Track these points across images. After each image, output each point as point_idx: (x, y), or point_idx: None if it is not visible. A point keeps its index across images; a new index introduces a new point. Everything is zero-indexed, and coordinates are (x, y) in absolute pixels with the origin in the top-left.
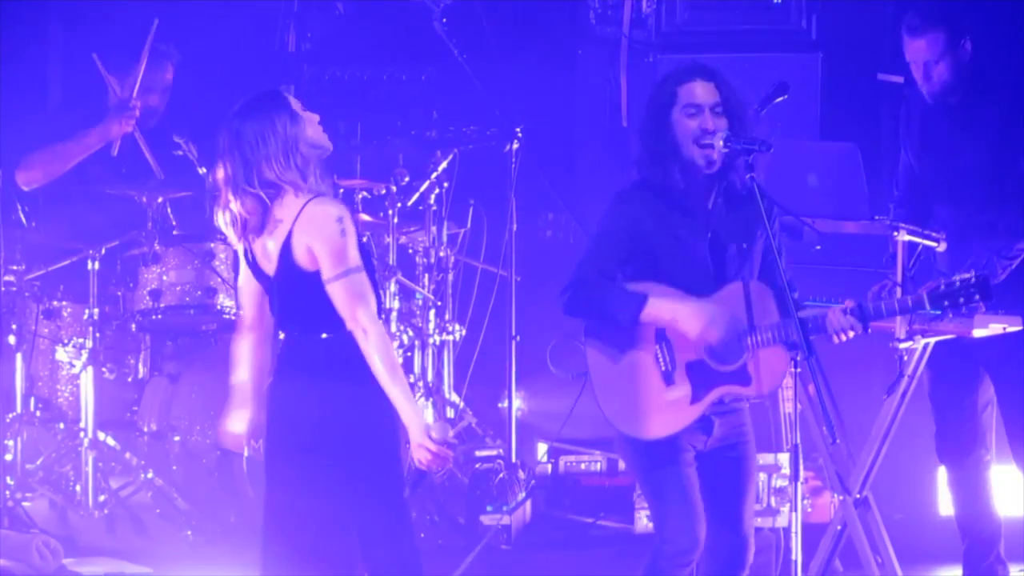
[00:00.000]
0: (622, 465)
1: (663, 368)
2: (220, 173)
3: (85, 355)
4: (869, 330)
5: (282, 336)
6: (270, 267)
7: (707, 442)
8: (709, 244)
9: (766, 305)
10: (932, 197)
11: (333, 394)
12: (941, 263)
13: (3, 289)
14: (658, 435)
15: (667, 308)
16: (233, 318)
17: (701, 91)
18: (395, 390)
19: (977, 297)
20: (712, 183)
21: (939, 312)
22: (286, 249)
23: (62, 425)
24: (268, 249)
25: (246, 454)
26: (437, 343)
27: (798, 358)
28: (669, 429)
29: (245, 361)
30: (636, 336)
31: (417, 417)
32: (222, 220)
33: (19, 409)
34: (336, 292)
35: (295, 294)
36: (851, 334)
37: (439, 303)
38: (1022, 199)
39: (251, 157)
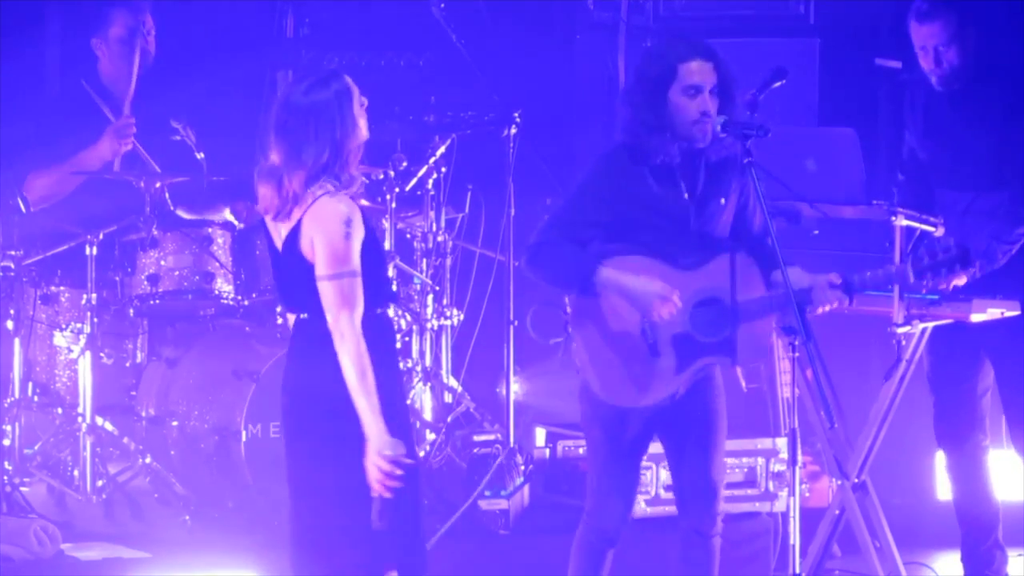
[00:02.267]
0: None
1: (649, 339)
2: (273, 155)
3: (83, 340)
4: (853, 303)
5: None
6: (278, 243)
7: (672, 402)
8: (690, 208)
9: (752, 278)
10: (934, 182)
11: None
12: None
13: (0, 274)
14: (643, 404)
15: (617, 280)
16: (231, 303)
17: (702, 72)
18: (361, 400)
19: (958, 266)
20: (695, 158)
21: (936, 297)
22: (293, 234)
23: (60, 410)
24: (280, 230)
25: (244, 438)
26: (435, 328)
27: (796, 343)
28: (654, 399)
29: None
30: (622, 307)
31: (377, 432)
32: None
33: (17, 394)
34: (325, 291)
35: (293, 276)
36: (835, 305)
37: (437, 288)
38: (1018, 185)
39: (301, 141)
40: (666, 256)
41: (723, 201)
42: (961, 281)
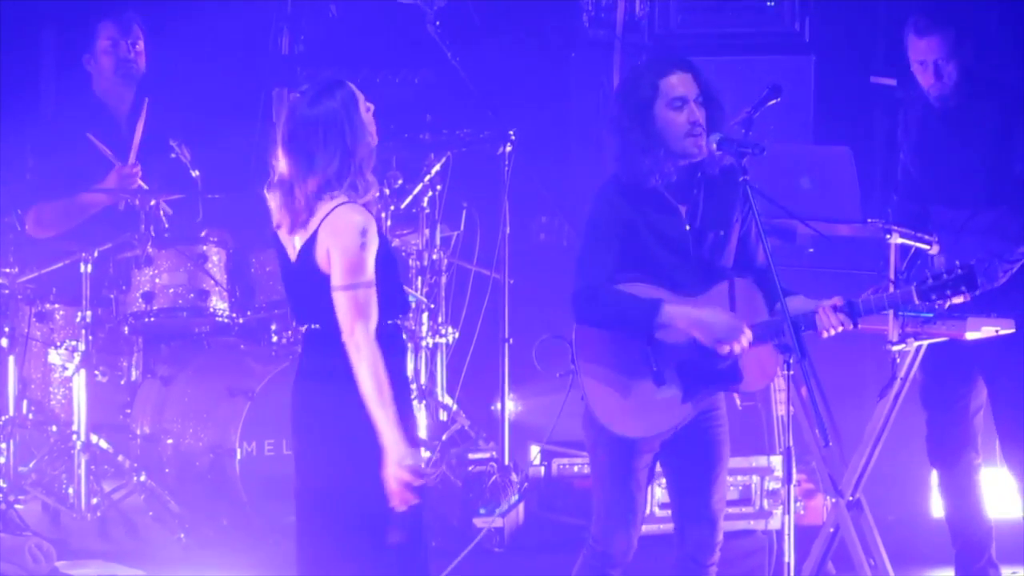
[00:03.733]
0: None
1: (654, 368)
2: (281, 165)
3: (78, 357)
4: (859, 325)
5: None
6: (292, 255)
7: (676, 428)
8: (691, 235)
9: (755, 303)
10: (930, 199)
11: (322, 391)
12: (939, 266)
13: None
14: (650, 434)
15: (681, 315)
16: (226, 321)
17: (683, 83)
18: (379, 411)
19: (963, 288)
20: (693, 173)
21: (931, 315)
22: (309, 244)
23: (55, 428)
24: (295, 242)
25: (239, 456)
26: (430, 345)
27: (791, 360)
28: (661, 428)
29: None
30: (624, 339)
31: (395, 443)
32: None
33: (12, 412)
34: (340, 302)
35: (307, 287)
36: (840, 329)
37: (432, 305)
38: (1020, 202)
39: (312, 151)
40: (669, 283)
41: (722, 233)
42: (961, 299)
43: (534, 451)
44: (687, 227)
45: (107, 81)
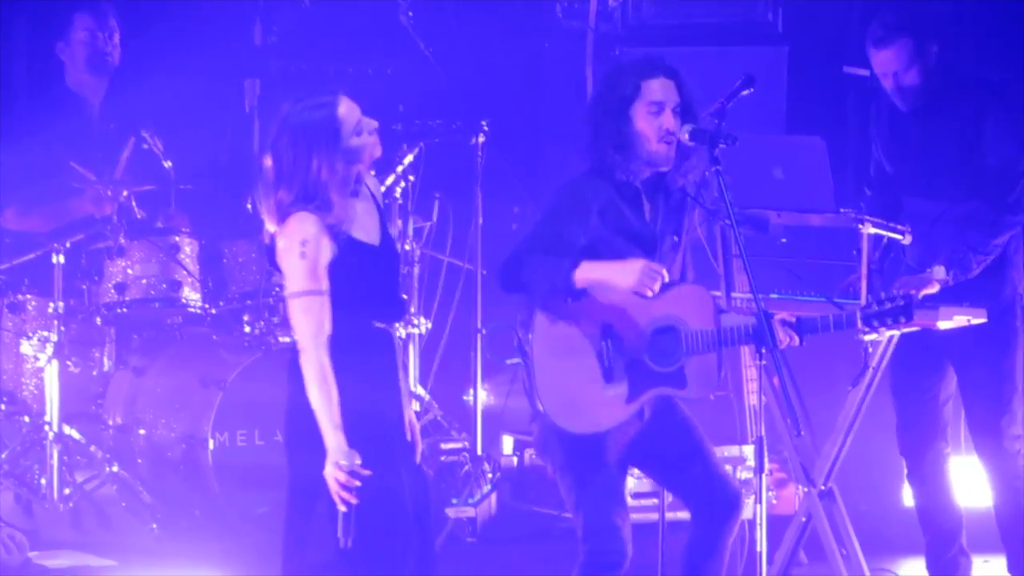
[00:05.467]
0: None
1: (606, 364)
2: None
3: (50, 348)
4: (804, 343)
5: None
6: None
7: (642, 429)
8: (652, 237)
9: (705, 310)
10: (903, 192)
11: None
12: (911, 257)
13: None
14: (591, 430)
15: (599, 268)
16: (199, 311)
17: (665, 90)
18: (320, 414)
19: (902, 319)
20: (658, 180)
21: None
22: (272, 249)
23: (27, 418)
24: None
25: (211, 447)
26: (403, 336)
27: (763, 351)
28: (603, 425)
29: None
30: (582, 330)
31: (334, 444)
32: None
33: None
34: (289, 309)
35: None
36: (786, 343)
37: (405, 296)
38: (992, 194)
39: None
40: None
41: (676, 239)
42: (933, 290)
43: (507, 441)
44: (654, 227)
45: (81, 72)
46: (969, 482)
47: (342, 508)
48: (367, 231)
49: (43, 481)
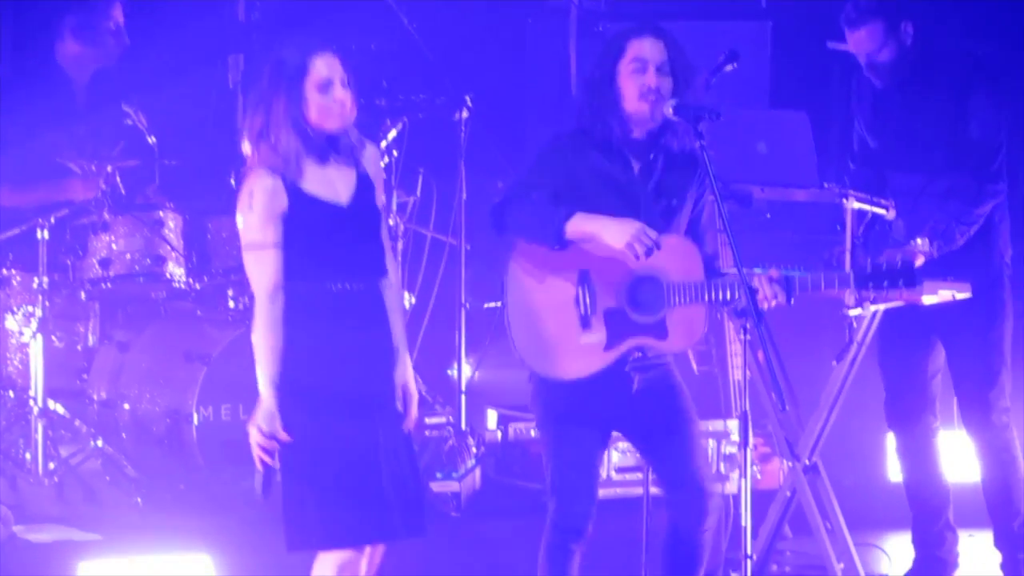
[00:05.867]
0: None
1: (582, 311)
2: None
3: (34, 323)
4: (792, 301)
5: None
6: None
7: (629, 397)
8: (639, 198)
9: (692, 263)
10: (887, 166)
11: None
12: (896, 231)
13: None
14: (566, 376)
15: (592, 221)
16: (183, 286)
17: (649, 48)
18: (259, 366)
19: (901, 282)
20: (651, 141)
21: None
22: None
23: (11, 393)
24: None
25: (195, 421)
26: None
27: (747, 325)
28: (578, 372)
29: None
30: (559, 276)
31: (264, 403)
32: None
33: None
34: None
35: None
36: (774, 303)
37: (387, 258)
38: (974, 165)
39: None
40: None
41: (675, 202)
42: (917, 262)
43: (491, 415)
44: (642, 184)
45: (85, 56)
46: (956, 456)
47: (259, 467)
48: (333, 191)
49: (28, 456)
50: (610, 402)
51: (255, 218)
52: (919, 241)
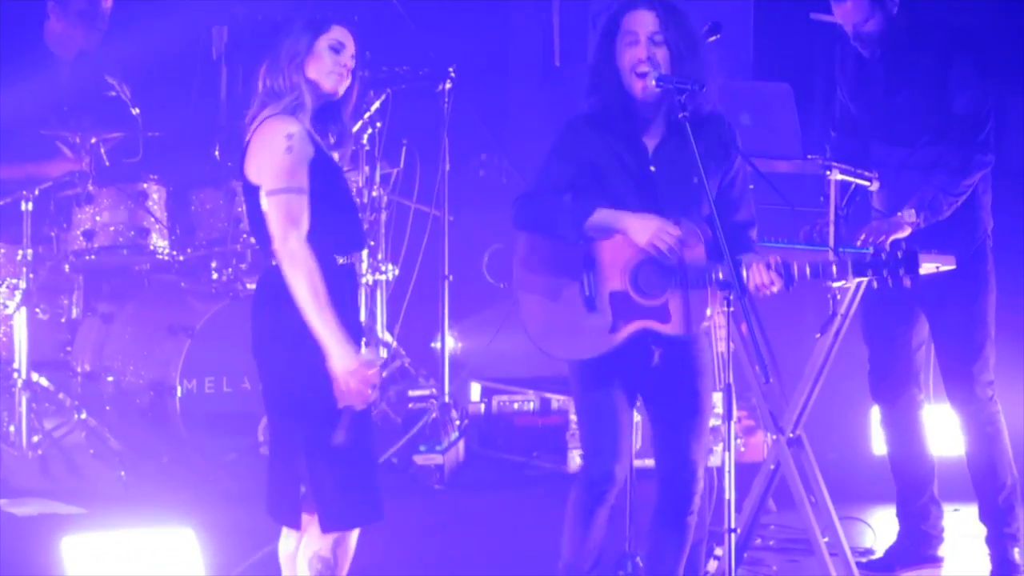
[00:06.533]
0: (555, 404)
1: (587, 294)
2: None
3: (18, 296)
4: (791, 288)
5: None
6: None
7: (649, 370)
8: (651, 177)
9: (695, 245)
10: (869, 137)
11: (272, 325)
12: (879, 202)
13: None
14: (574, 357)
15: (615, 216)
16: (167, 259)
17: (641, 19)
18: (317, 320)
19: (902, 271)
20: (655, 115)
21: (871, 251)
22: (243, 164)
23: None
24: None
25: (179, 394)
26: (370, 283)
27: (731, 297)
28: (585, 354)
29: None
30: (565, 258)
31: (338, 346)
32: None
33: None
34: (269, 209)
35: (253, 214)
36: (774, 289)
37: (372, 243)
38: (960, 137)
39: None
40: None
41: (696, 180)
42: (904, 234)
43: (474, 388)
44: (651, 167)
45: (69, 35)
46: (941, 430)
47: (360, 406)
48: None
49: (11, 428)
50: (632, 371)
51: (293, 160)
52: (906, 212)
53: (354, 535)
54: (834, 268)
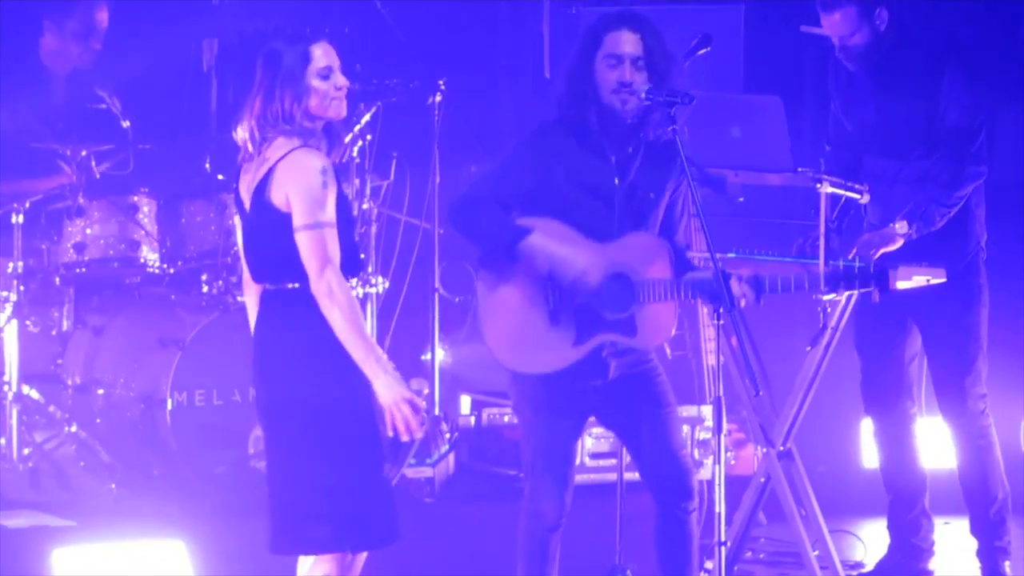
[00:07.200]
0: None
1: (550, 306)
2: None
3: (9, 308)
4: (761, 302)
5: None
6: (247, 203)
7: (606, 384)
8: (616, 190)
9: (662, 260)
10: (861, 149)
11: (298, 353)
12: (872, 215)
13: None
14: (535, 371)
15: (546, 247)
16: (157, 271)
17: (625, 42)
18: (360, 350)
19: (872, 284)
20: (630, 133)
21: (862, 265)
22: (262, 186)
23: None
24: (248, 185)
25: (169, 406)
26: (360, 296)
27: (720, 310)
28: (547, 367)
29: (253, 317)
30: (529, 271)
31: (386, 376)
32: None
33: None
34: (304, 243)
35: (265, 236)
36: (743, 303)
37: (362, 256)
38: (952, 149)
39: (269, 88)
40: (584, 227)
41: (652, 195)
42: (896, 246)
43: (465, 401)
44: (615, 179)
45: (63, 52)
46: (933, 443)
47: (406, 437)
48: None
49: (2, 441)
50: (586, 389)
51: (328, 195)
52: (898, 224)
53: (362, 557)
54: (806, 281)
